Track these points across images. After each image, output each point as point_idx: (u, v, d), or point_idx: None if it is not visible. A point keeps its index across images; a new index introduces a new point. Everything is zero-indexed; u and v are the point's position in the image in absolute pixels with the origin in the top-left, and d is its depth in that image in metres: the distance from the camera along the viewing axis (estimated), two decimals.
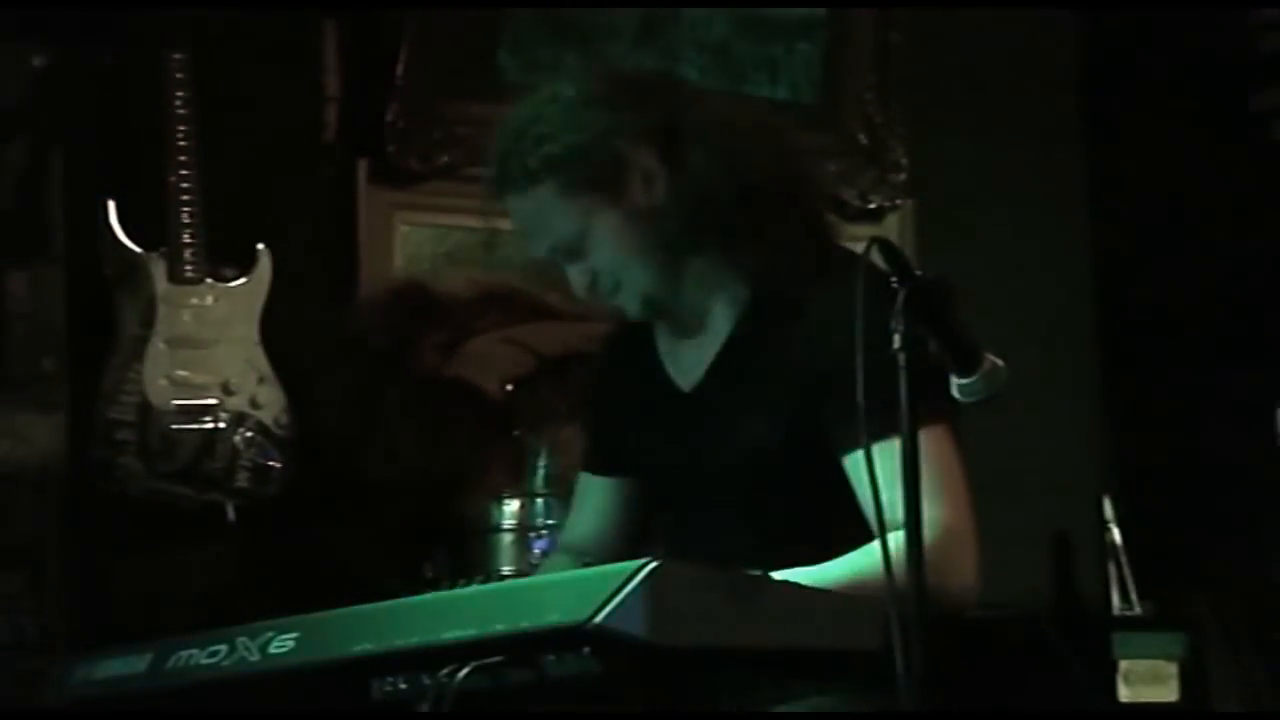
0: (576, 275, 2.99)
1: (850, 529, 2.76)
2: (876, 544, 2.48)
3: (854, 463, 2.82)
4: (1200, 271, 5.08)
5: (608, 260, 2.95)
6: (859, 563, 2.72)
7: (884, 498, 2.47)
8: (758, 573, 2.50)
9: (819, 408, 2.86)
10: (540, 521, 4.34)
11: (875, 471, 2.49)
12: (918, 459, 2.43)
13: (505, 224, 3.10)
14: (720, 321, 3.01)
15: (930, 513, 2.62)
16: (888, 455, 2.53)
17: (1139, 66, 5.35)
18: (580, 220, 2.93)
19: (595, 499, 3.24)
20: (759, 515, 2.94)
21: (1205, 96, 5.01)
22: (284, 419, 4.33)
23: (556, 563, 3.26)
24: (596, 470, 3.26)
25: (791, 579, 2.60)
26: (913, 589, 2.39)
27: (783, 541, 2.83)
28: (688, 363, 3.05)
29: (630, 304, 3.00)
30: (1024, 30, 5.45)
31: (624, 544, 3.19)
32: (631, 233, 2.93)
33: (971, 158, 5.37)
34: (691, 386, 3.04)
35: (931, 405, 2.53)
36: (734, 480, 2.97)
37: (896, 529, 2.46)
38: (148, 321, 4.26)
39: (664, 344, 3.11)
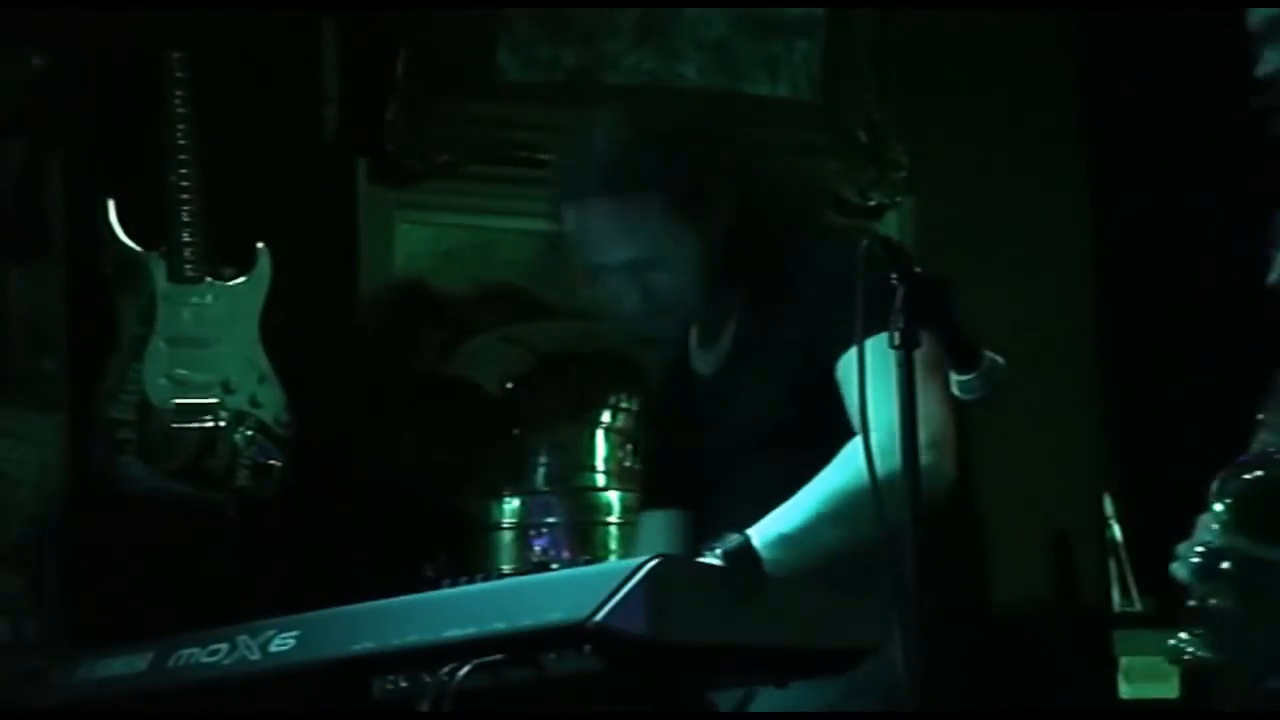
0: (631, 288, 3.03)
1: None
2: (844, 454, 2.62)
3: (843, 366, 2.86)
4: (1200, 267, 5.07)
5: (674, 284, 3.01)
6: (829, 482, 2.80)
7: (868, 395, 2.51)
8: (743, 542, 2.59)
9: (811, 344, 2.92)
10: (539, 520, 4.34)
11: (866, 368, 2.50)
12: (915, 425, 2.43)
13: (504, 223, 3.12)
14: (730, 308, 3.08)
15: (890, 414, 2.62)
16: (874, 352, 2.52)
17: (1138, 65, 5.35)
18: (670, 240, 2.98)
19: (656, 533, 3.23)
20: (776, 481, 2.94)
21: (1205, 94, 5.00)
22: (284, 418, 4.31)
23: None
24: (656, 501, 3.27)
25: (772, 524, 2.70)
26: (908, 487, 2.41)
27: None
28: (707, 347, 3.13)
29: (673, 326, 3.10)
30: (1023, 29, 5.45)
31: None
32: (702, 260, 3.01)
33: (971, 156, 5.37)
34: (711, 369, 3.12)
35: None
36: (751, 457, 3.00)
37: (880, 427, 2.49)
38: (148, 320, 4.26)
39: (693, 341, 3.18)
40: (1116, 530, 5.13)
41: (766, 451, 2.99)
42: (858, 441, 2.69)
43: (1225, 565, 2.68)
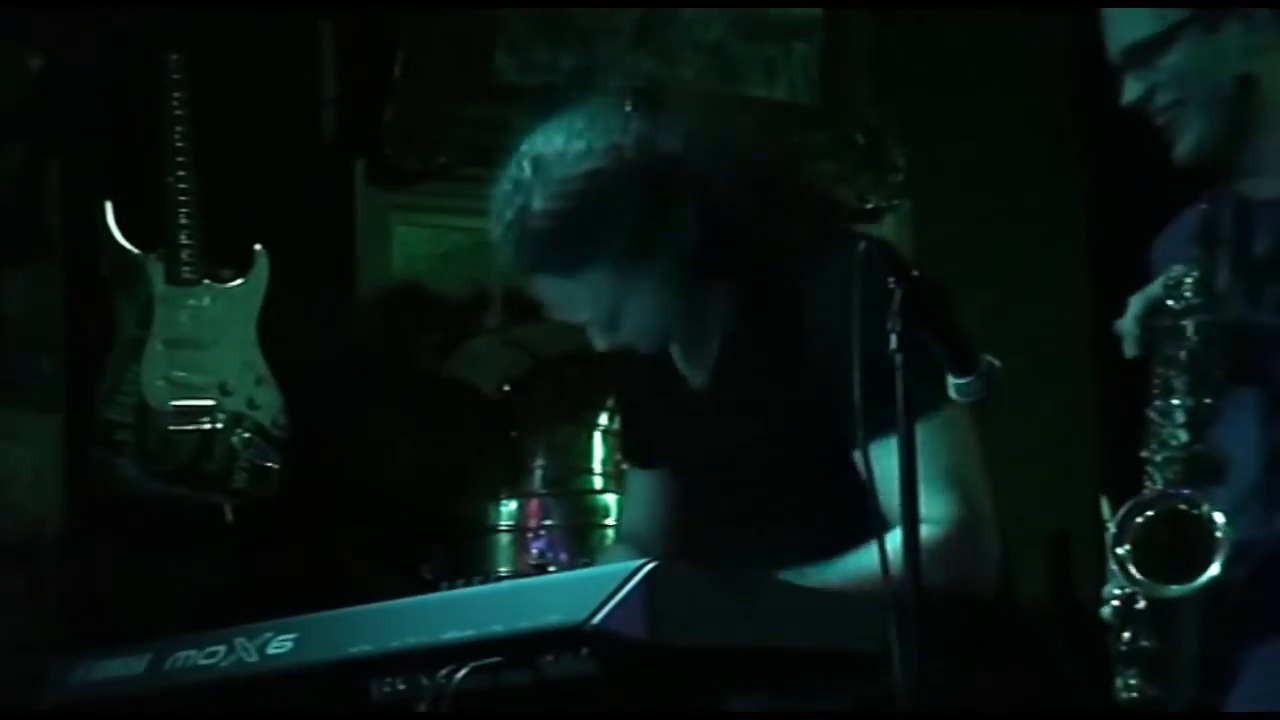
0: (601, 336, 2.96)
1: (863, 521, 2.73)
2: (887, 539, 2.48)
3: (861, 457, 2.76)
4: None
5: (639, 323, 2.92)
6: (859, 562, 2.69)
7: (885, 496, 2.45)
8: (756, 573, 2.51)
9: (828, 402, 2.81)
10: (537, 522, 4.34)
11: (873, 470, 2.47)
12: (914, 457, 2.41)
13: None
14: (715, 317, 2.97)
15: (937, 507, 2.67)
16: (889, 452, 2.49)
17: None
18: (626, 293, 2.87)
19: (640, 491, 3.21)
20: (774, 510, 2.92)
21: None
22: (281, 420, 4.32)
23: (616, 553, 3.24)
24: (635, 464, 3.23)
25: (794, 579, 2.62)
26: (910, 590, 2.37)
27: (799, 535, 2.83)
28: (695, 361, 3.03)
29: (651, 345, 2.99)
30: (1021, 31, 5.45)
31: (676, 532, 3.15)
32: (666, 289, 2.88)
33: (969, 158, 5.37)
34: (700, 384, 3.03)
35: (931, 393, 2.51)
36: (745, 473, 2.95)
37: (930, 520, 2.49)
38: (145, 322, 4.26)
39: (674, 348, 3.09)
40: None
41: (763, 469, 2.93)
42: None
43: (1140, 605, 2.70)
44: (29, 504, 4.23)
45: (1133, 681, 2.70)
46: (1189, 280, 2.79)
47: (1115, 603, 2.72)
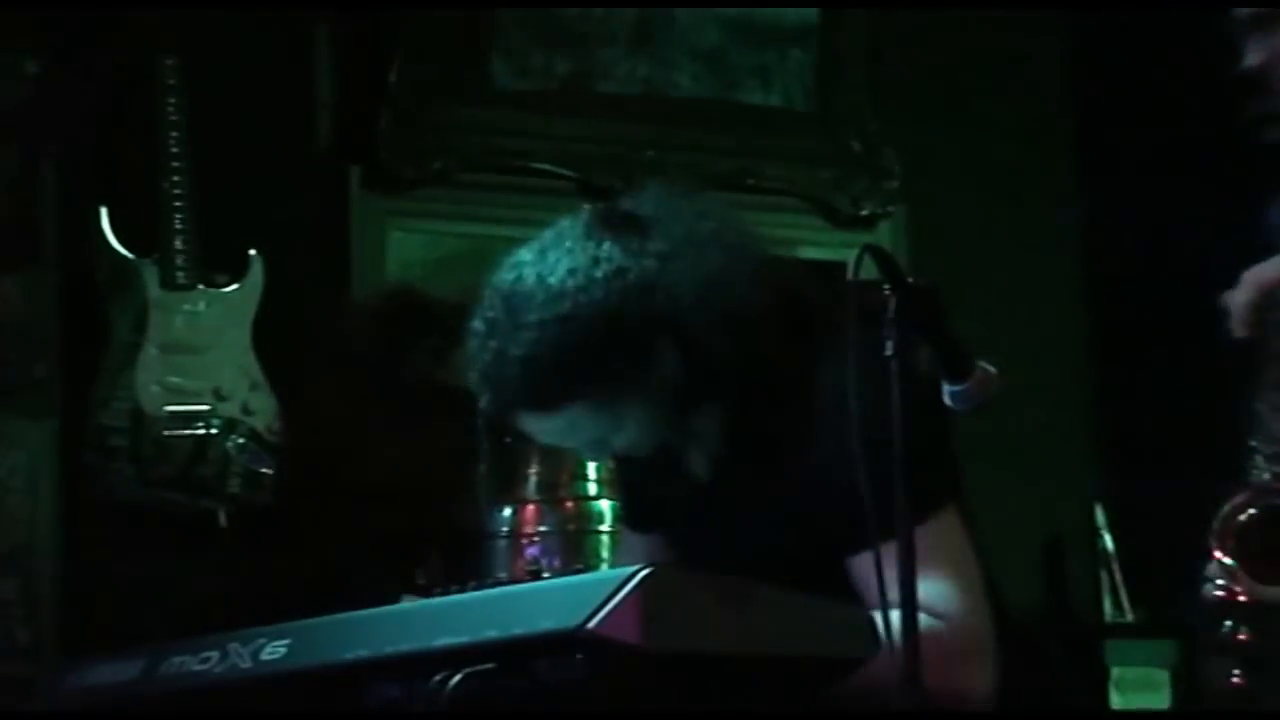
0: (593, 456, 2.95)
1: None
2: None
3: (855, 565, 2.72)
4: (1193, 278, 5.08)
5: (632, 444, 2.86)
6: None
7: (891, 599, 2.42)
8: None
9: (819, 510, 2.76)
10: (531, 529, 4.33)
11: (883, 574, 2.43)
12: (913, 556, 2.39)
13: (497, 230, 3.07)
14: (705, 435, 2.89)
15: (942, 608, 2.63)
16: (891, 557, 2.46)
17: (1133, 76, 5.35)
18: (611, 423, 2.82)
19: (636, 549, 3.14)
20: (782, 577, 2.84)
21: (1197, 103, 5.01)
22: (276, 425, 4.33)
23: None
24: (633, 528, 3.19)
25: None
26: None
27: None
28: (693, 464, 2.96)
29: (645, 453, 2.94)
30: (1017, 39, 5.45)
31: None
32: (656, 414, 2.81)
33: (964, 165, 5.37)
34: (705, 473, 2.95)
35: (932, 490, 2.50)
36: (745, 568, 2.91)
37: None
38: (140, 327, 4.28)
39: None
40: (1108, 540, 5.13)
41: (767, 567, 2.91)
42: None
43: (1242, 598, 2.69)
44: (23, 509, 4.22)
45: (1234, 673, 2.66)
46: None
47: (1219, 592, 2.67)
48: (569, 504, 4.38)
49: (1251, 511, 2.68)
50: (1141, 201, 5.30)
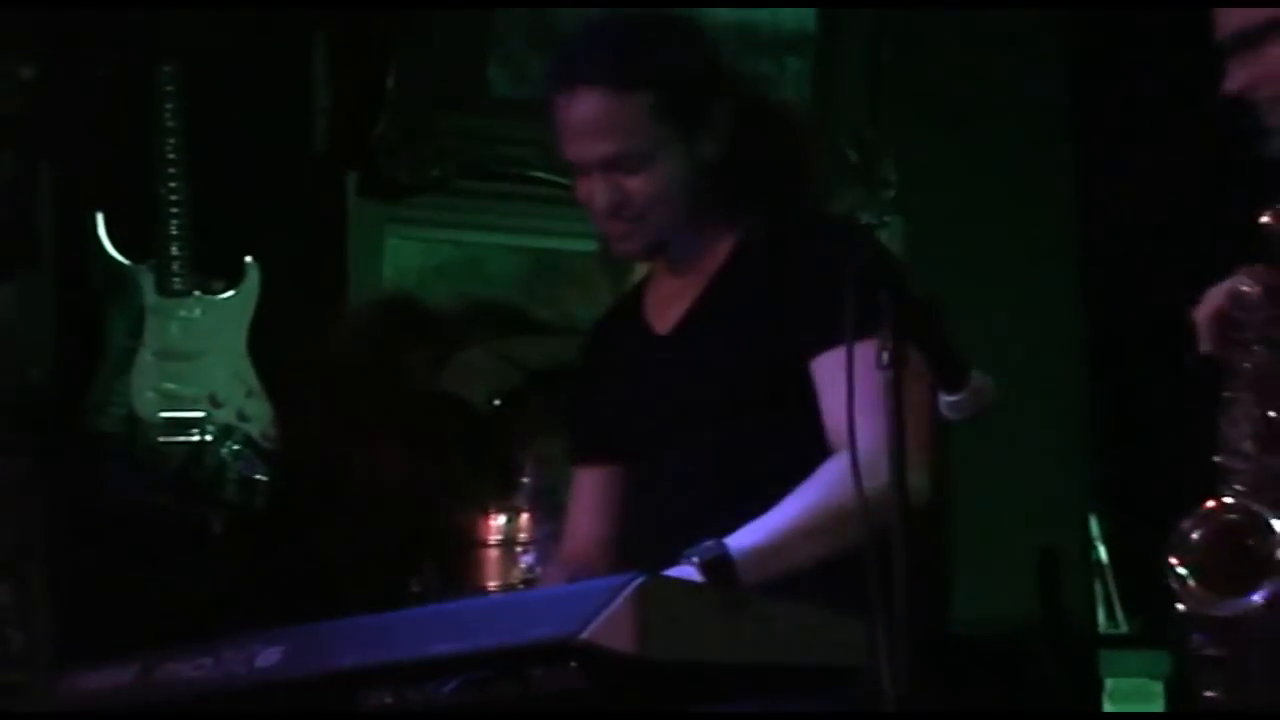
0: (605, 190, 2.96)
1: (817, 463, 2.78)
2: (825, 469, 2.59)
3: (820, 366, 2.83)
4: (1191, 289, 5.08)
5: (651, 192, 2.94)
6: (807, 496, 2.76)
7: (832, 407, 2.54)
8: (720, 553, 2.58)
9: (786, 322, 2.87)
10: (526, 536, 4.33)
11: (852, 370, 2.47)
12: (903, 414, 2.42)
13: (494, 238, 3.10)
14: (709, 262, 3.02)
15: (866, 424, 2.58)
16: (860, 360, 2.49)
17: (1130, 84, 5.35)
18: (653, 143, 2.92)
19: (588, 495, 3.20)
20: (726, 454, 2.93)
21: (1197, 114, 5.01)
22: (271, 432, 4.32)
23: (550, 576, 3.24)
24: (582, 456, 3.22)
25: (748, 536, 2.68)
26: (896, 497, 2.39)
27: (750, 483, 2.85)
28: (670, 303, 3.06)
29: (642, 240, 3.01)
30: (1014, 48, 5.46)
31: (621, 544, 3.15)
32: (686, 176, 2.94)
33: (961, 175, 5.37)
34: (668, 328, 3.05)
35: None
36: (700, 416, 2.96)
37: (864, 441, 2.46)
38: (136, 333, 4.26)
39: (651, 288, 3.12)
40: (1102, 551, 5.13)
41: (716, 420, 2.94)
42: (837, 459, 2.71)
43: (1210, 612, 2.69)
44: (17, 515, 4.21)
45: (1209, 689, 2.67)
46: (1251, 293, 2.76)
47: (1182, 607, 2.69)
48: (564, 512, 4.36)
49: (1208, 528, 2.68)
50: (1139, 212, 5.30)
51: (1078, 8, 5.48)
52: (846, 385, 2.47)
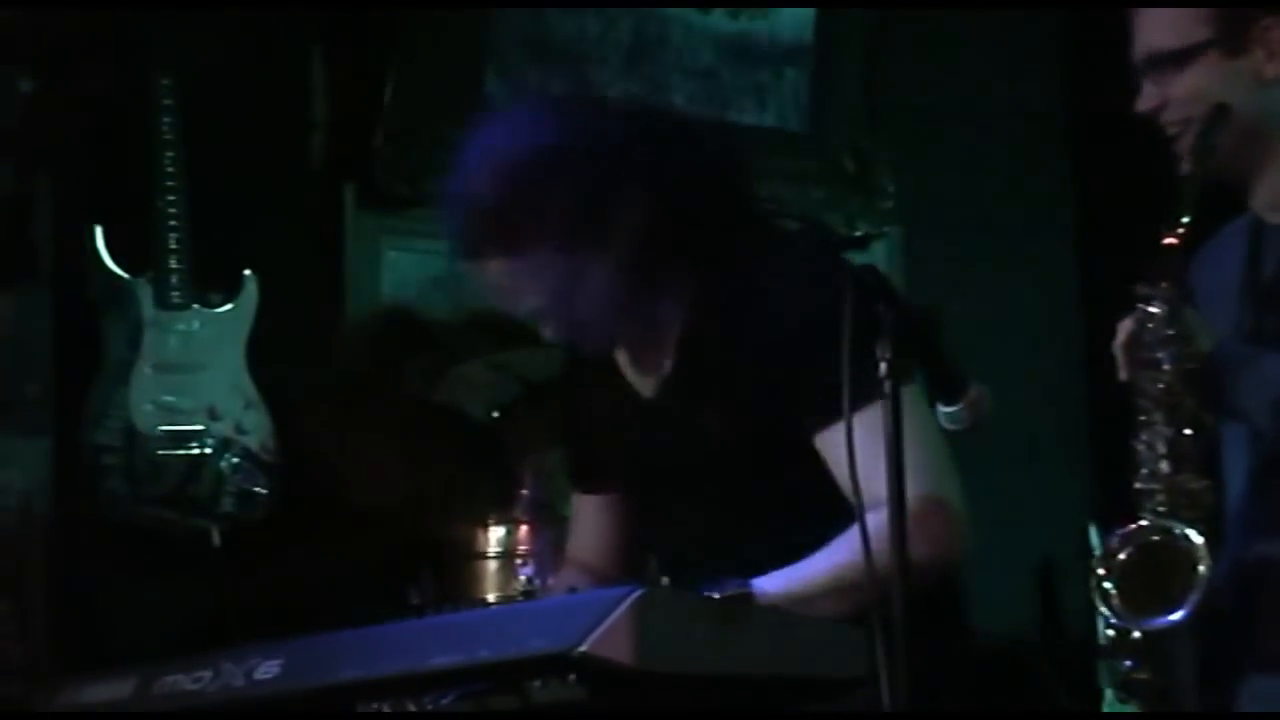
0: (550, 326, 2.94)
1: (822, 516, 2.76)
2: (852, 530, 2.51)
3: (825, 442, 2.79)
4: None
5: (591, 311, 2.89)
6: (836, 555, 2.74)
7: (861, 473, 2.47)
8: (743, 591, 2.52)
9: (781, 393, 2.83)
10: (524, 548, 4.32)
11: (854, 445, 2.48)
12: (900, 433, 2.42)
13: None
14: (670, 322, 2.95)
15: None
16: (861, 427, 2.50)
17: (1127, 95, 5.35)
18: (573, 277, 2.86)
19: (589, 518, 3.21)
20: (731, 512, 2.92)
21: None
22: (270, 444, 4.32)
23: (564, 576, 3.22)
24: (583, 489, 3.23)
25: (772, 582, 2.66)
26: (897, 568, 2.39)
27: (758, 536, 2.84)
28: (645, 368, 3.02)
29: (593, 345, 2.98)
30: (1013, 59, 5.46)
31: (626, 559, 3.14)
32: (620, 278, 2.86)
33: (959, 185, 5.38)
34: (652, 392, 3.01)
35: (870, 376, 2.48)
36: (703, 480, 2.95)
37: (877, 504, 2.45)
38: (134, 346, 4.25)
39: (622, 355, 3.07)
40: None
41: (714, 478, 2.93)
42: (874, 517, 2.59)
43: (1135, 635, 2.72)
44: (15, 528, 4.21)
45: (1136, 710, 2.70)
46: (1158, 314, 2.78)
47: (1110, 632, 2.72)
48: (563, 523, 4.36)
49: (1130, 550, 2.70)
50: (1137, 221, 5.31)
51: (1074, 11, 5.47)
52: (848, 456, 2.45)
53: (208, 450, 4.27)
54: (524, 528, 4.34)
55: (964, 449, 2.80)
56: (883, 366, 2.42)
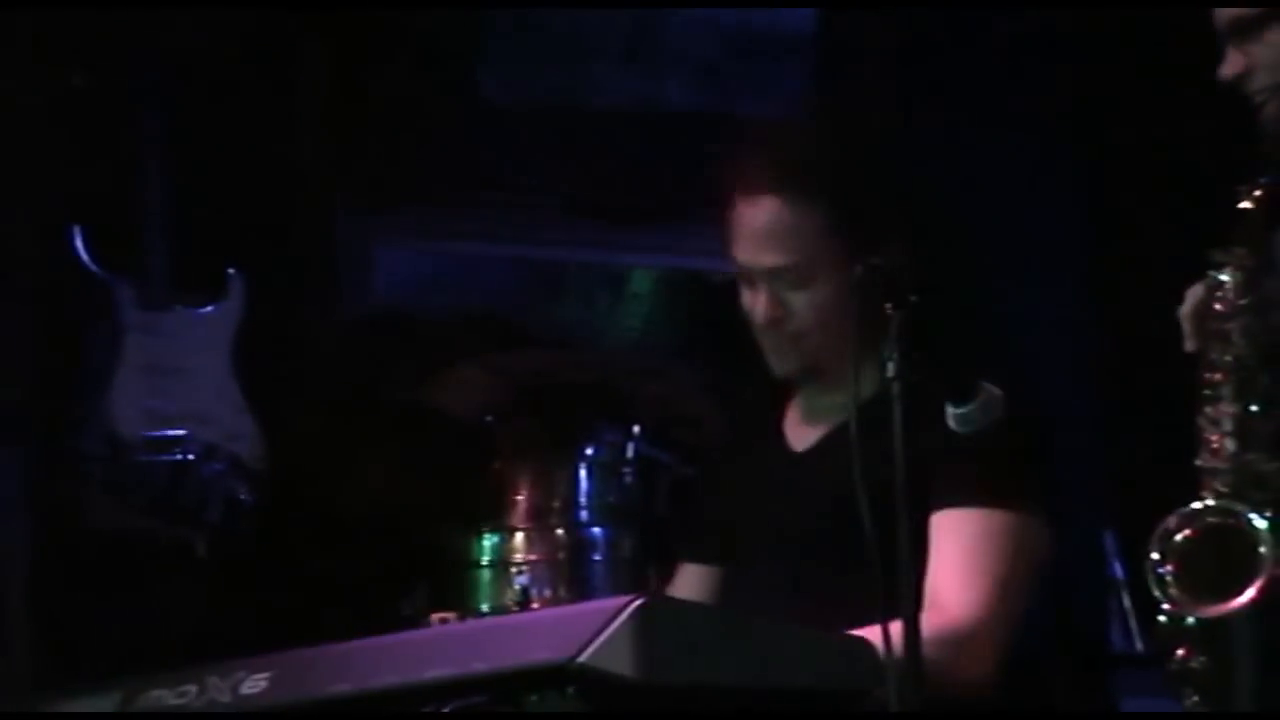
0: (767, 302, 2.96)
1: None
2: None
3: (938, 524, 2.81)
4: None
5: (810, 309, 2.93)
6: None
7: (933, 565, 2.56)
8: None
9: (921, 467, 2.71)
10: (520, 557, 4.27)
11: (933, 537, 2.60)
12: (923, 534, 2.54)
13: (485, 248, 3.06)
14: (865, 384, 2.82)
15: (954, 595, 2.72)
16: (959, 524, 2.61)
17: (1138, 103, 5.31)
18: (822, 259, 2.91)
19: (686, 589, 3.16)
20: (811, 582, 2.92)
21: (1201, 122, 4.98)
22: (258, 450, 4.28)
23: None
24: (690, 556, 3.20)
25: None
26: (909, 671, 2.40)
27: (832, 615, 2.76)
28: (815, 417, 3.03)
29: (799, 360, 2.98)
30: (1024, 49, 5.42)
31: None
32: (853, 302, 2.80)
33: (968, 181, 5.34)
34: (807, 446, 3.03)
35: (1010, 485, 2.61)
36: (805, 539, 2.94)
37: (934, 607, 2.57)
38: (116, 349, 4.22)
39: (797, 401, 3.08)
40: (1118, 568, 5.09)
41: (818, 546, 2.91)
42: (929, 625, 2.61)
43: (1189, 622, 2.67)
44: None
45: (1192, 702, 2.64)
46: (1231, 282, 2.72)
47: (1163, 619, 2.65)
48: (560, 531, 4.33)
49: (1187, 532, 2.63)
50: (1149, 222, 5.28)
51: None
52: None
53: (192, 457, 4.23)
54: (519, 535, 4.30)
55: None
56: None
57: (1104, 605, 5.13)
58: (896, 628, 2.46)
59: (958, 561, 2.66)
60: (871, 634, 2.60)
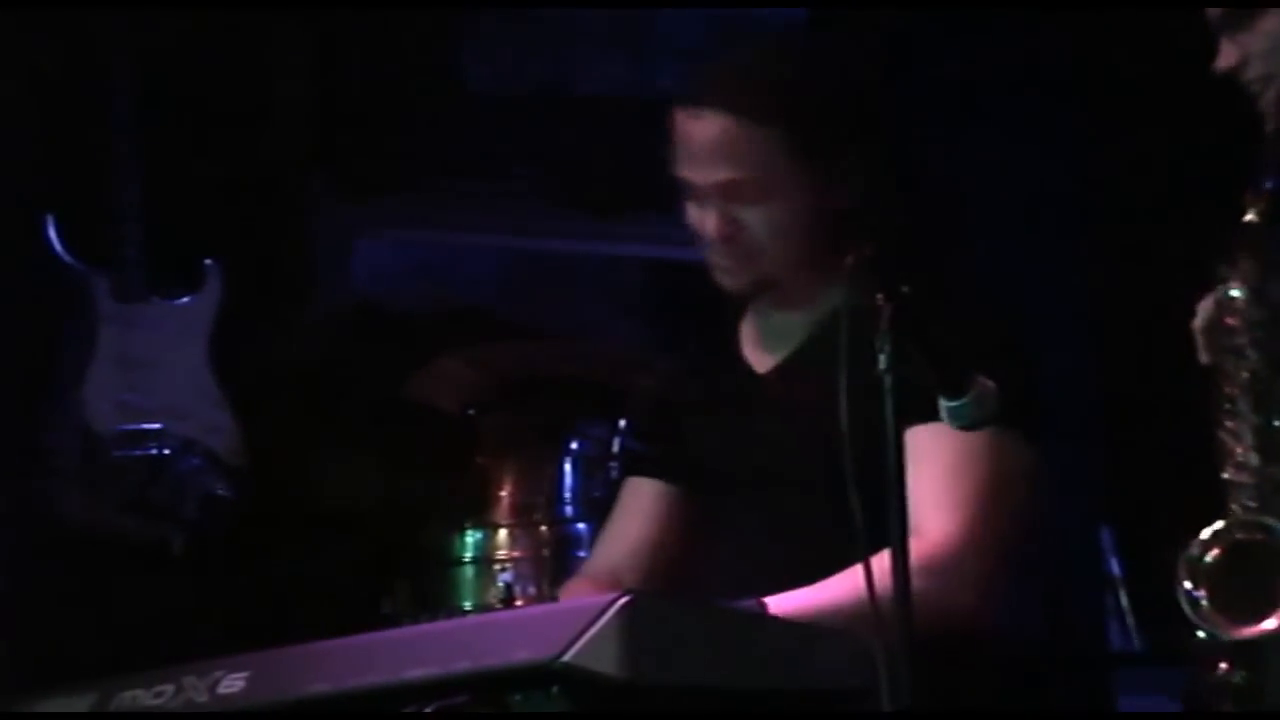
0: (718, 218, 2.90)
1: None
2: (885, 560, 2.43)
3: (914, 439, 2.68)
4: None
5: (764, 225, 2.87)
6: (846, 584, 2.64)
7: (910, 486, 2.42)
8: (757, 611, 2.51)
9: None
10: (503, 554, 4.25)
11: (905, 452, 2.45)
12: (902, 464, 2.37)
13: (469, 239, 3.03)
14: (825, 301, 2.88)
15: (935, 520, 2.66)
16: (936, 441, 2.52)
17: (1137, 102, 5.30)
18: (775, 175, 2.85)
19: (639, 505, 3.10)
20: (791, 515, 2.87)
21: (1204, 122, 4.97)
22: (235, 445, 4.26)
23: (577, 590, 3.12)
24: (640, 471, 3.12)
25: (789, 602, 2.64)
26: (899, 610, 2.32)
27: (821, 550, 2.73)
28: (774, 339, 2.98)
29: (749, 276, 2.92)
30: (1023, 45, 5.41)
31: (663, 567, 3.05)
32: (806, 220, 2.86)
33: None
34: (769, 367, 2.97)
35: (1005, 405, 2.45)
36: (779, 466, 2.89)
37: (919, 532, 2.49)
38: (90, 342, 4.20)
39: (751, 322, 3.03)
40: (1115, 565, 5.07)
41: (794, 473, 2.86)
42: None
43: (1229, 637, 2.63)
44: None
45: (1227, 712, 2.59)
46: (1239, 296, 2.70)
47: (1201, 634, 2.60)
48: (544, 527, 4.30)
49: (1218, 551, 2.59)
50: (1149, 222, 5.27)
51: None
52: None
53: (168, 452, 4.22)
54: (502, 532, 4.28)
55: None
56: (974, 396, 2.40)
57: (1101, 602, 5.11)
58: (880, 561, 2.38)
59: (938, 483, 2.57)
60: (856, 571, 2.54)
